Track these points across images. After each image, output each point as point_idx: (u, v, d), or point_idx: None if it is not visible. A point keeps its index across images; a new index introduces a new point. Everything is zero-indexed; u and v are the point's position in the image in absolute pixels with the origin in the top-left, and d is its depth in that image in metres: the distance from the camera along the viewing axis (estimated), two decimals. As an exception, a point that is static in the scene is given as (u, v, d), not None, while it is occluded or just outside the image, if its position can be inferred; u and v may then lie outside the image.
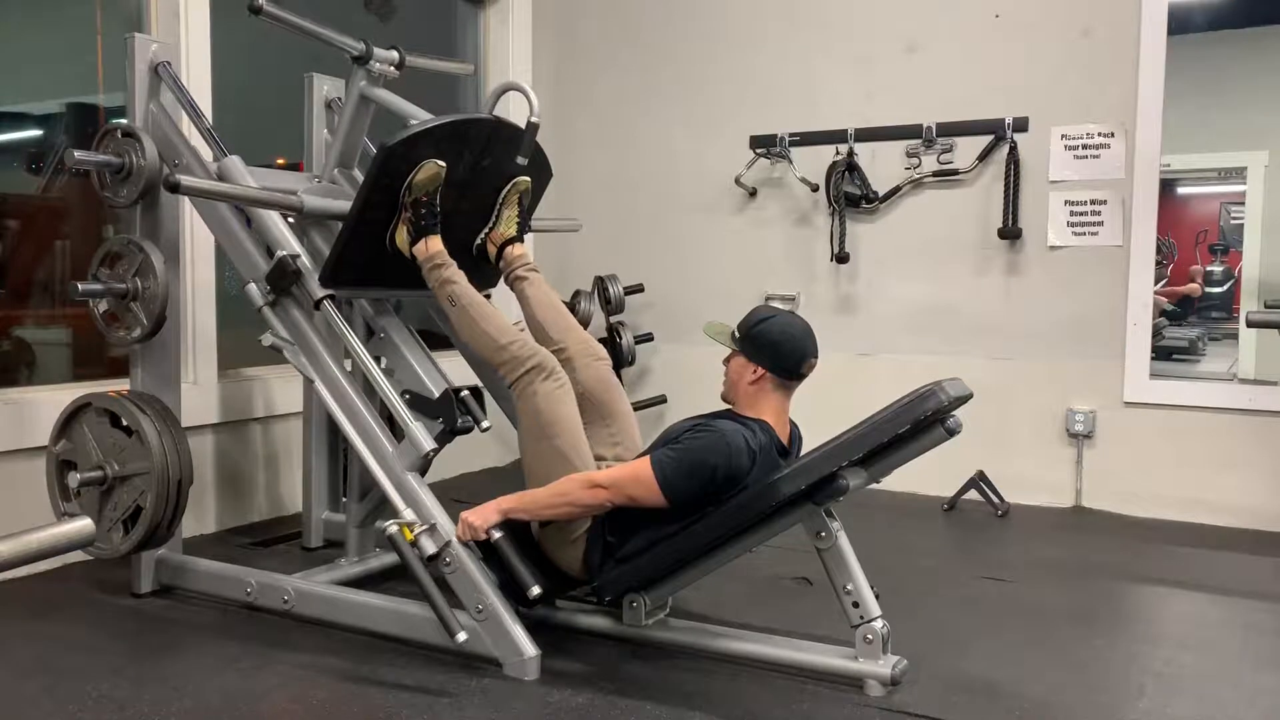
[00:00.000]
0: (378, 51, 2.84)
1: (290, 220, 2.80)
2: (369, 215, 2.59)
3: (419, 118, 2.70)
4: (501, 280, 2.89)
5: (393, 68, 2.88)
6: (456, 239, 2.70)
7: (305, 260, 2.66)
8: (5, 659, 2.40)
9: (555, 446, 2.45)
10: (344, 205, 2.71)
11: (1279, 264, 6.00)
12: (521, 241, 2.87)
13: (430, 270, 2.62)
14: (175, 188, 2.37)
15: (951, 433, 2.20)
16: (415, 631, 2.45)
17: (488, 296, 2.91)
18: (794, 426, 2.52)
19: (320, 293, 2.61)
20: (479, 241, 2.85)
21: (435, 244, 2.62)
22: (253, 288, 2.67)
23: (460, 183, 2.67)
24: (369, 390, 2.64)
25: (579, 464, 2.45)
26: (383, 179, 2.55)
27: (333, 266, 2.62)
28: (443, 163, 2.57)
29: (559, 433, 2.46)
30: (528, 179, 2.84)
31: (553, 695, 2.22)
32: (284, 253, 2.62)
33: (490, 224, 2.85)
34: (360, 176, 2.98)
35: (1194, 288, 6.91)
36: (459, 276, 2.62)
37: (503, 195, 2.83)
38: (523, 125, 2.71)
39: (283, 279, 2.62)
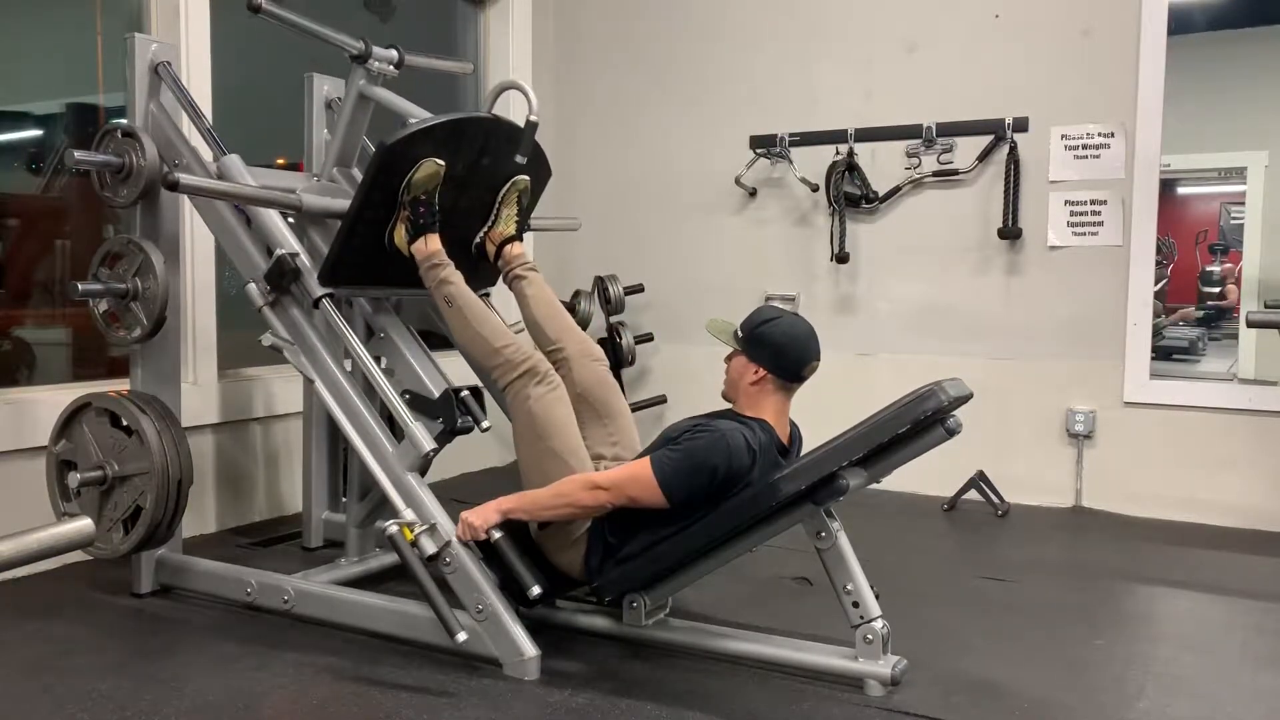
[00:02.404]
0: (377, 50, 2.84)
1: (290, 219, 2.80)
2: (368, 214, 2.59)
3: (418, 116, 2.70)
4: (500, 279, 2.89)
5: (392, 67, 2.88)
6: (455, 237, 2.70)
7: (304, 259, 2.66)
8: (5, 659, 2.40)
9: (551, 448, 2.46)
10: (343, 204, 2.71)
11: (1279, 264, 6.00)
12: (520, 240, 2.87)
13: (428, 269, 2.62)
14: (175, 186, 2.38)
15: (951, 433, 2.20)
16: (415, 631, 2.45)
17: (486, 295, 2.91)
18: (794, 427, 2.52)
19: (319, 291, 2.61)
20: (478, 240, 2.85)
21: (434, 243, 2.62)
22: (253, 287, 2.67)
23: (459, 181, 2.67)
24: (369, 390, 2.64)
25: (575, 465, 2.45)
26: (381, 177, 2.55)
27: (331, 265, 2.62)
28: (441, 161, 2.57)
29: (553, 434, 2.47)
30: (526, 178, 2.84)
31: (553, 695, 2.22)
32: (283, 251, 2.62)
33: (489, 223, 2.85)
34: (359, 175, 2.98)
35: (1232, 290, 6.80)
36: (456, 277, 2.62)
37: (501, 194, 2.83)
38: (521, 124, 2.71)
39: (282, 277, 2.62)
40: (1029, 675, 2.39)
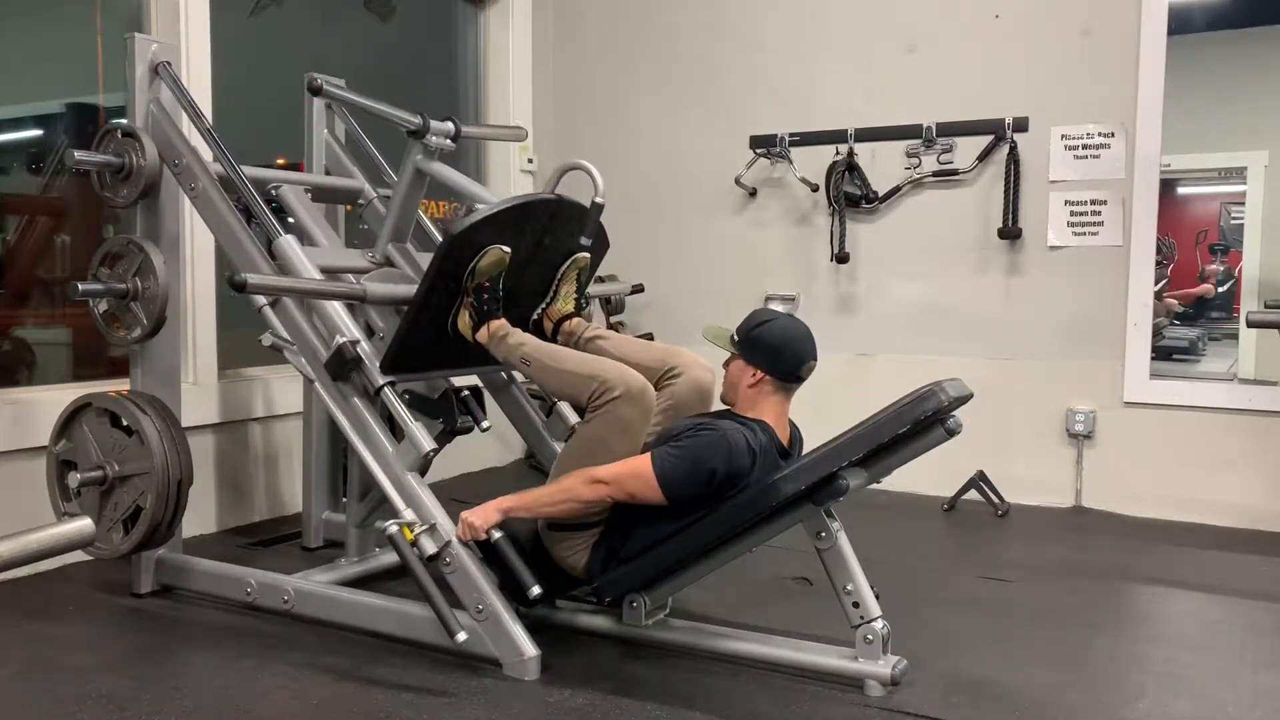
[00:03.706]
0: (434, 125, 2.76)
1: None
2: (433, 300, 2.56)
3: (483, 199, 2.65)
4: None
5: (449, 140, 2.80)
6: (514, 315, 2.66)
7: (365, 346, 2.59)
8: (5, 659, 2.40)
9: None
10: (406, 290, 2.65)
11: (1279, 264, 6.00)
12: (580, 316, 2.81)
13: (497, 344, 2.56)
14: (242, 288, 2.33)
15: (951, 433, 2.20)
16: (415, 631, 2.45)
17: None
18: (794, 427, 2.52)
19: (380, 380, 2.54)
20: (535, 316, 2.80)
21: (496, 324, 2.58)
22: (253, 288, 2.66)
23: (522, 261, 2.63)
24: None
25: None
26: (447, 265, 2.51)
27: (395, 354, 2.56)
28: (508, 248, 2.54)
29: (608, 461, 2.37)
30: (587, 255, 2.80)
31: (553, 695, 2.22)
32: (343, 339, 2.55)
33: (548, 299, 2.80)
34: (413, 250, 2.95)
35: (1208, 288, 6.90)
36: (526, 337, 2.57)
37: (561, 271, 2.79)
38: (584, 202, 2.68)
39: (343, 366, 2.55)
40: (1029, 675, 2.39)
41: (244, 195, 2.71)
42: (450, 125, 2.80)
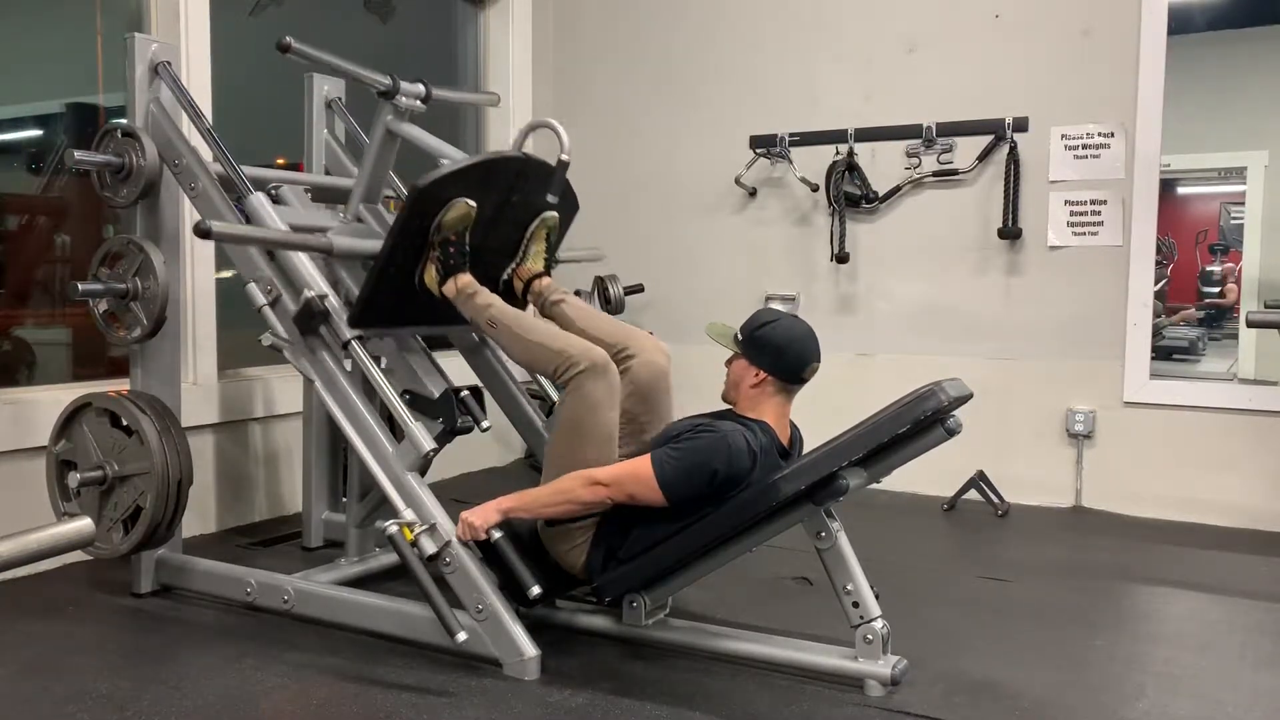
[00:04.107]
0: (404, 85, 2.78)
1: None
2: (399, 255, 2.57)
3: (449, 156, 2.66)
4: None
5: (419, 101, 2.81)
6: (483, 274, 2.68)
7: (333, 300, 2.61)
8: (5, 659, 2.40)
9: (582, 458, 2.39)
10: (373, 245, 2.67)
11: (1279, 264, 6.00)
12: (549, 275, 2.84)
13: (465, 302, 2.59)
14: (207, 234, 2.33)
15: (951, 433, 2.20)
16: (415, 631, 2.45)
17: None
18: (794, 428, 2.52)
19: (349, 334, 2.58)
20: (505, 276, 2.83)
21: (464, 279, 2.60)
22: (253, 287, 2.67)
23: (488, 219, 2.64)
24: (369, 390, 2.64)
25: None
26: (413, 219, 2.53)
27: (362, 307, 2.59)
28: (473, 202, 2.55)
29: (589, 443, 2.41)
30: (555, 214, 2.82)
31: (553, 695, 2.22)
32: (311, 293, 2.57)
33: (517, 259, 2.82)
34: (384, 211, 2.96)
35: (1231, 289, 6.81)
36: (492, 299, 2.59)
37: (530, 231, 2.81)
38: (550, 161, 2.68)
39: (310, 319, 2.57)
40: (1029, 675, 2.38)
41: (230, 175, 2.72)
42: (420, 87, 2.82)
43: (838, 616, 2.28)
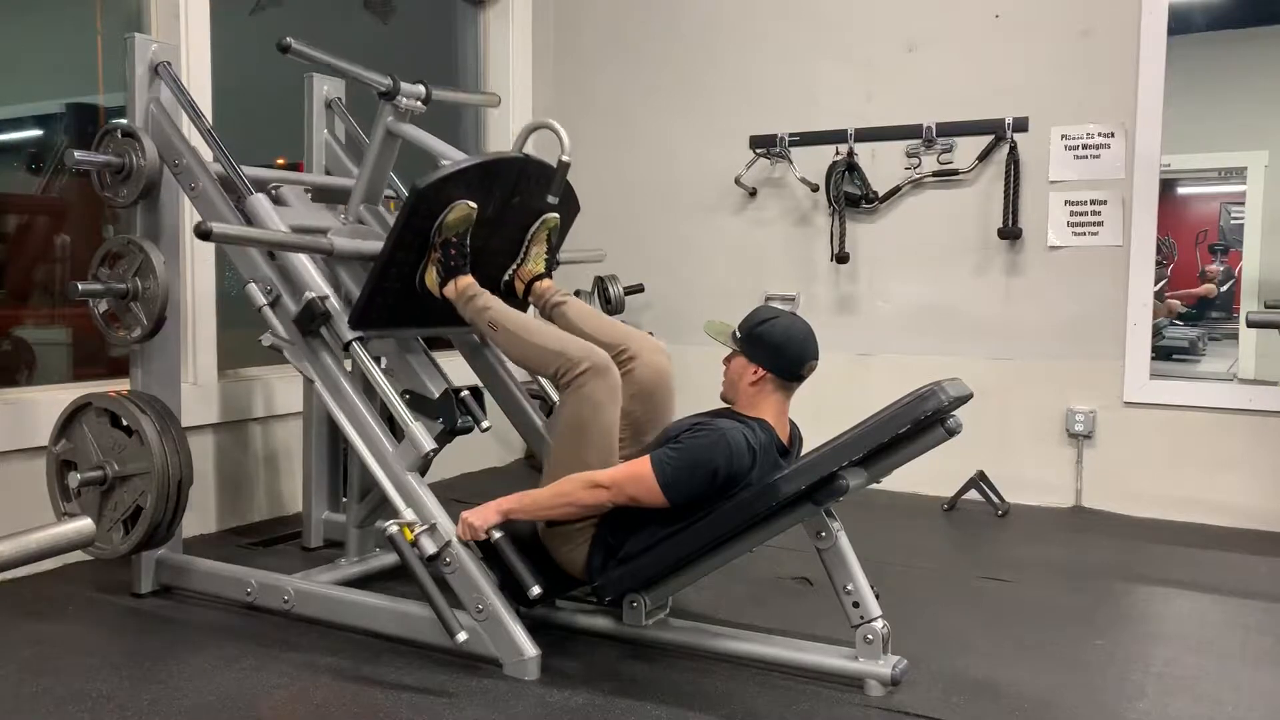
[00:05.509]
0: (405, 86, 2.77)
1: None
2: (400, 256, 2.57)
3: (450, 156, 2.66)
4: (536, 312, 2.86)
5: (419, 102, 2.81)
6: (485, 275, 2.68)
7: (334, 301, 2.61)
8: (5, 659, 2.40)
9: (584, 459, 2.40)
10: (374, 246, 2.67)
11: (1279, 264, 6.00)
12: (550, 277, 2.84)
13: (465, 304, 2.59)
14: (207, 235, 2.33)
15: (951, 433, 2.20)
16: (415, 631, 2.45)
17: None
18: (794, 426, 2.52)
19: (349, 335, 2.58)
20: (506, 278, 2.83)
21: (464, 281, 2.60)
22: (253, 287, 2.66)
23: (489, 220, 2.64)
24: (369, 390, 2.64)
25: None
26: (414, 220, 2.53)
27: (363, 308, 2.58)
28: (474, 204, 2.55)
29: (591, 444, 2.41)
30: (556, 215, 2.82)
31: (553, 695, 2.22)
32: (312, 294, 2.57)
33: (518, 260, 2.82)
34: (384, 212, 2.96)
35: (1210, 289, 6.89)
36: (493, 301, 2.59)
37: (531, 232, 2.81)
38: (550, 162, 2.68)
39: (311, 321, 2.57)
40: (1029, 675, 2.39)
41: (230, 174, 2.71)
42: (421, 88, 2.82)
43: (838, 616, 2.28)
